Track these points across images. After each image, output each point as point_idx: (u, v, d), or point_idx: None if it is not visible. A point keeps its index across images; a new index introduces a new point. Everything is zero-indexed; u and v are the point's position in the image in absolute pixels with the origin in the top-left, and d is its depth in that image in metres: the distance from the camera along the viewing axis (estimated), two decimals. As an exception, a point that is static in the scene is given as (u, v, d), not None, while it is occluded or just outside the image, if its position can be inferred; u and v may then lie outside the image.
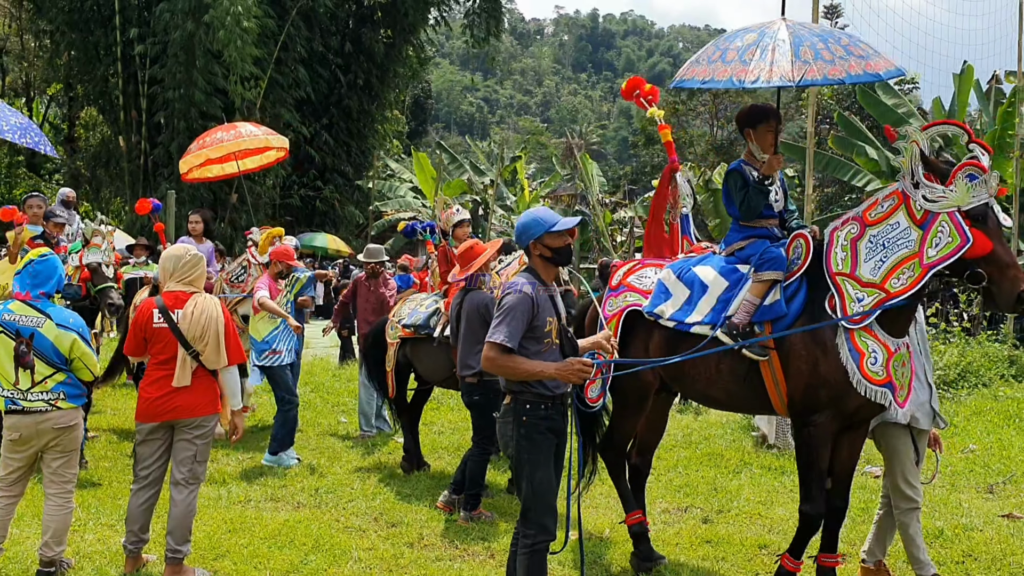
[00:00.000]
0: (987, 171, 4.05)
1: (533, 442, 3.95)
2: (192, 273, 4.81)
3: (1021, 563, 4.92)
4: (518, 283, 4.00)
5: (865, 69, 4.82)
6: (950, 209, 4.05)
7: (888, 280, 4.21)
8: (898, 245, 4.21)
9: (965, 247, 4.01)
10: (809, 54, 4.73)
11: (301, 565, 4.84)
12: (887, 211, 4.28)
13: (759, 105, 5.08)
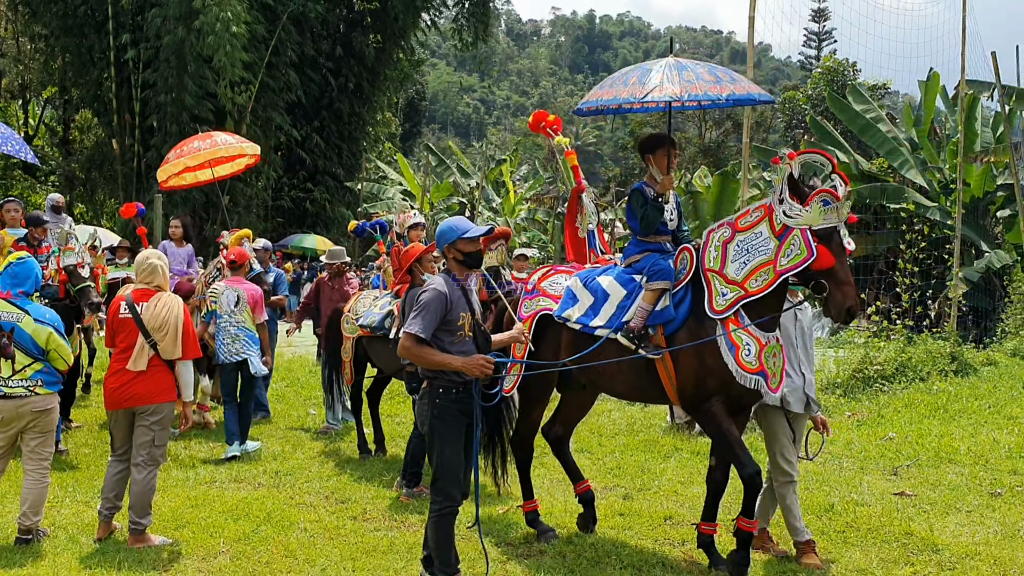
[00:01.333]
0: (840, 199, 4.64)
1: (444, 422, 4.53)
2: (150, 277, 5.40)
3: (895, 533, 5.49)
4: (435, 282, 4.59)
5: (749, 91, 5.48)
6: (803, 226, 4.64)
7: (748, 280, 4.80)
8: (759, 251, 4.80)
9: (810, 260, 4.60)
10: (692, 76, 5.35)
11: (252, 534, 5.41)
12: (754, 221, 4.87)
13: (656, 133, 5.74)
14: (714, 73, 5.61)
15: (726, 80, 5.63)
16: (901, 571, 4.91)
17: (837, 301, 4.62)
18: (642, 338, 5.08)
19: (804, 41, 49.69)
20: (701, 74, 5.51)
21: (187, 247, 10.24)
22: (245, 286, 7.92)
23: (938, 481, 6.74)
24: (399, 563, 4.95)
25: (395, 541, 5.32)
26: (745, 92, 5.65)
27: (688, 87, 5.48)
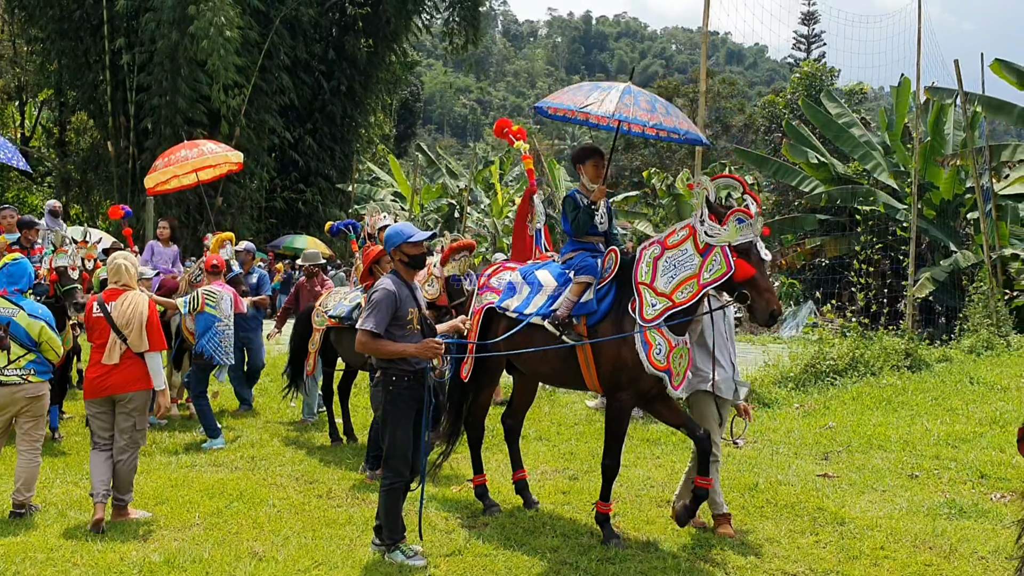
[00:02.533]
0: (753, 217, 5.19)
1: (396, 407, 5.09)
2: (116, 276, 5.92)
3: (808, 508, 6.04)
4: (384, 282, 5.15)
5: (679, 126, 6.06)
6: (723, 244, 5.18)
7: (675, 293, 5.33)
8: (684, 267, 5.33)
9: (729, 274, 5.14)
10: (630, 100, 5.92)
11: (225, 510, 5.96)
12: (680, 239, 5.41)
13: (587, 145, 6.33)
14: (652, 104, 6.14)
15: (661, 112, 6.15)
16: (805, 539, 5.47)
17: (760, 307, 5.16)
18: (566, 326, 5.64)
19: (793, 44, 50.28)
20: (640, 102, 6.04)
21: (173, 247, 10.78)
22: (228, 288, 8.47)
23: (863, 465, 7.30)
24: (355, 533, 5.50)
25: (354, 515, 5.87)
26: (673, 125, 6.15)
27: (622, 109, 6.03)
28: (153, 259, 10.55)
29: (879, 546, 5.33)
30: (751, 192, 5.46)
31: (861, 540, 5.44)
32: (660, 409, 5.71)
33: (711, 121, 45.06)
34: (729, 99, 43.34)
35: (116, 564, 4.91)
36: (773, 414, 9.38)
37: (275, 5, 27.02)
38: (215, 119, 25.10)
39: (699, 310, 5.53)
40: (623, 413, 5.60)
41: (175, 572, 4.78)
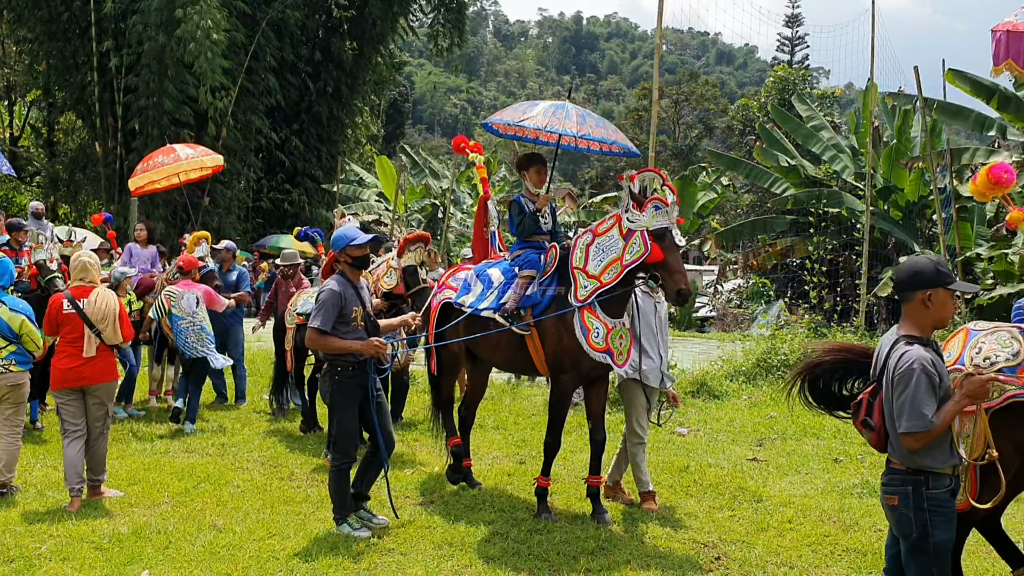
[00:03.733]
0: (668, 205, 5.71)
1: (343, 395, 5.59)
2: (83, 274, 6.34)
3: (730, 488, 6.55)
4: (330, 283, 5.65)
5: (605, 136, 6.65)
6: (642, 228, 5.71)
7: (603, 274, 5.86)
8: (611, 250, 5.86)
9: (646, 255, 5.67)
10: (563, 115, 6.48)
11: (192, 490, 6.44)
12: (608, 227, 5.95)
13: (529, 153, 6.85)
14: (583, 117, 6.74)
15: (591, 125, 6.75)
16: (721, 514, 5.98)
17: (670, 286, 5.70)
18: (514, 317, 6.15)
19: (777, 46, 50.89)
20: (571, 116, 6.65)
21: (151, 248, 11.23)
22: (198, 287, 8.94)
23: (793, 451, 7.83)
24: (310, 509, 5.99)
25: (311, 494, 6.37)
26: (602, 136, 6.76)
27: (554, 122, 6.60)
28: (132, 260, 11.00)
29: (787, 519, 5.85)
30: (669, 184, 6.02)
31: (772, 515, 5.96)
32: (592, 396, 6.24)
33: (695, 122, 45.78)
34: (712, 101, 43.90)
35: (88, 535, 5.39)
36: (721, 405, 9.89)
37: (261, 7, 27.43)
38: (202, 120, 25.50)
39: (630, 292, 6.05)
40: (565, 395, 6.13)
41: (141, 541, 5.26)
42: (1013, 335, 4.18)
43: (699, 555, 5.21)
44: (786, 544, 5.41)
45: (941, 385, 3.54)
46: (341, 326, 5.54)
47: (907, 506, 3.54)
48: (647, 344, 6.40)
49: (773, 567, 5.00)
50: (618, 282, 5.83)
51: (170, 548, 5.15)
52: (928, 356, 3.53)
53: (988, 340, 4.20)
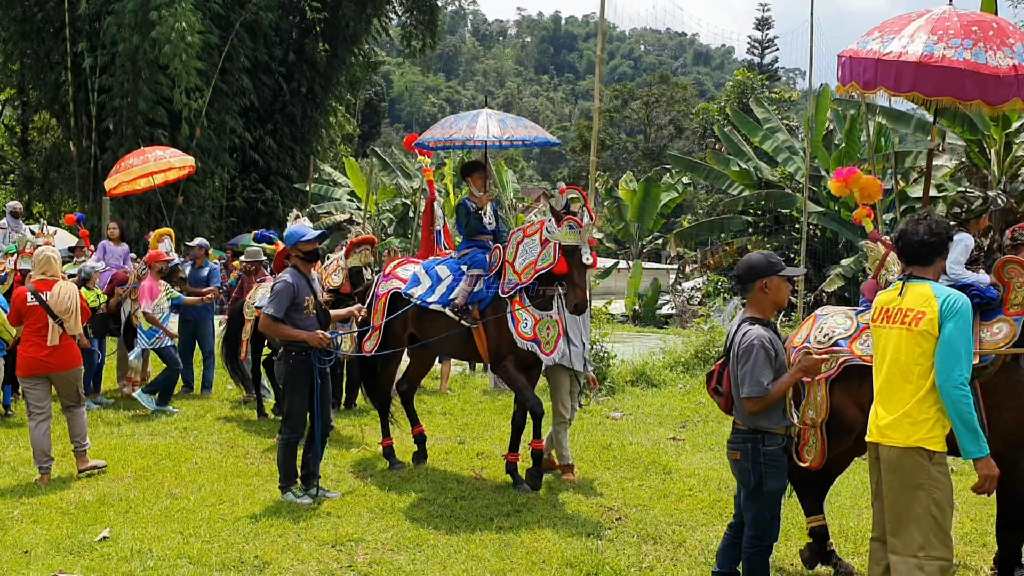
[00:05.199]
0: (582, 226, 6.36)
1: (294, 377, 6.21)
2: (45, 267, 6.87)
3: (645, 463, 7.22)
4: (284, 275, 6.27)
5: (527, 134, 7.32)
6: (556, 241, 6.36)
7: (523, 273, 6.53)
8: (531, 253, 6.53)
9: (553, 265, 6.35)
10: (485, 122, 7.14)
11: (154, 466, 7.04)
12: (535, 231, 6.60)
13: (472, 160, 7.50)
14: (504, 121, 7.46)
15: (512, 127, 7.48)
16: (631, 484, 6.66)
17: (569, 298, 6.39)
18: (463, 312, 6.81)
19: (748, 48, 51.81)
20: (494, 121, 7.38)
21: (123, 246, 11.79)
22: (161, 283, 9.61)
23: (713, 432, 8.52)
24: (260, 482, 6.62)
25: (262, 470, 6.99)
26: (524, 135, 7.50)
27: (481, 130, 7.29)
28: (105, 257, 11.55)
29: (688, 488, 6.53)
30: (588, 206, 6.68)
31: (676, 484, 6.64)
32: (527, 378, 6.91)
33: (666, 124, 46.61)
34: (683, 103, 44.77)
35: (56, 503, 5.99)
36: (657, 392, 10.59)
37: (235, 9, 27.84)
38: (176, 120, 25.88)
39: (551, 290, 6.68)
40: (510, 375, 6.78)
41: (104, 507, 5.87)
42: (848, 315, 4.87)
43: (603, 517, 5.88)
44: (682, 508, 6.08)
45: (777, 359, 4.22)
46: (294, 313, 6.16)
47: (747, 460, 4.21)
48: (572, 333, 7.06)
49: (664, 525, 5.67)
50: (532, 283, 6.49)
51: (130, 512, 5.76)
52: (766, 334, 4.22)
53: (828, 322, 4.89)
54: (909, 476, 3.55)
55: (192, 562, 4.77)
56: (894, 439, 3.61)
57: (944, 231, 3.72)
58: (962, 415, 3.42)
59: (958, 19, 4.99)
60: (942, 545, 3.52)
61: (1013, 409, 4.27)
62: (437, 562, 4.90)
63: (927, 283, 3.64)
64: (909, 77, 4.88)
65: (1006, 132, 17.76)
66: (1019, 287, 4.34)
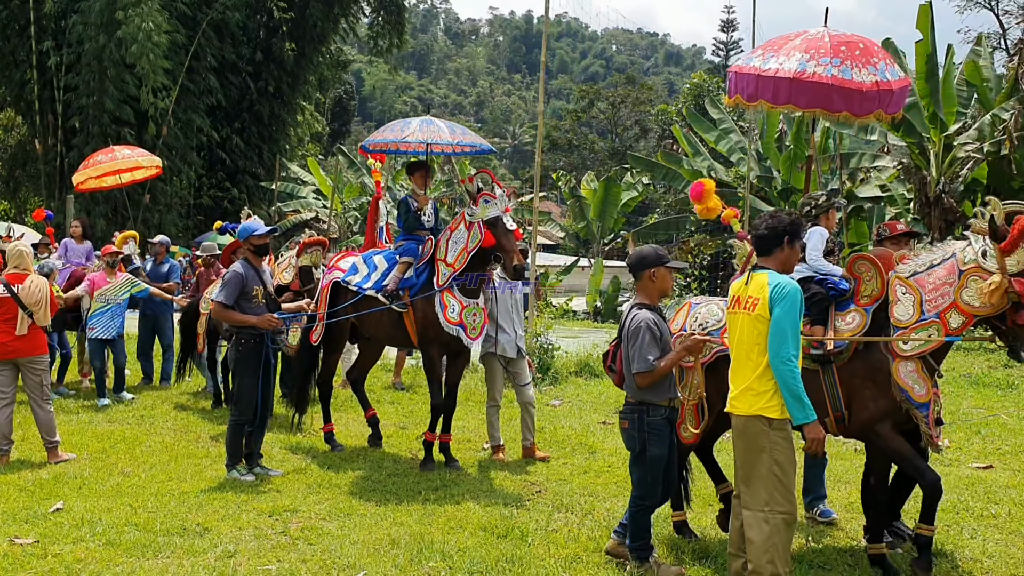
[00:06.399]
0: (496, 197, 6.89)
1: (243, 362, 6.68)
2: (18, 261, 7.28)
3: (573, 443, 7.77)
4: (235, 266, 6.74)
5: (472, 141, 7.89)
6: (479, 219, 6.89)
7: (455, 262, 7.04)
8: (460, 242, 7.04)
9: (482, 240, 6.86)
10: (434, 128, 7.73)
11: (110, 449, 7.46)
12: (458, 223, 7.12)
13: (415, 161, 8.00)
14: (452, 128, 8.03)
15: (459, 133, 8.05)
16: (556, 462, 7.21)
17: (507, 263, 6.94)
18: (394, 297, 7.31)
19: (713, 50, 52.66)
20: (441, 128, 7.91)
21: (86, 244, 12.16)
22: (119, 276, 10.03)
23: (642, 417, 9.08)
24: (208, 462, 7.07)
25: (211, 451, 7.45)
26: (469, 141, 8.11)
27: (429, 135, 7.82)
28: (67, 255, 11.91)
29: (608, 466, 7.08)
30: (496, 181, 7.27)
31: (597, 462, 7.19)
32: (451, 366, 7.43)
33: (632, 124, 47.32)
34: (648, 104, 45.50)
35: (14, 480, 6.42)
36: (599, 382, 11.14)
37: (202, 8, 28.03)
38: (143, 118, 26.04)
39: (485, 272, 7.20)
40: (433, 362, 7.32)
41: (59, 484, 6.30)
42: (720, 306, 5.42)
43: (524, 490, 6.41)
44: (598, 482, 6.63)
45: (662, 339, 4.77)
46: (244, 302, 6.63)
47: (634, 428, 4.76)
48: (504, 322, 7.62)
49: (579, 497, 6.20)
50: (467, 266, 7.01)
51: (83, 488, 6.20)
52: (653, 317, 4.77)
53: (703, 311, 5.44)
54: (753, 440, 4.11)
55: (138, 529, 5.23)
56: (740, 408, 4.17)
57: (778, 225, 4.27)
58: (789, 387, 3.98)
59: (829, 40, 5.57)
60: (785, 500, 4.07)
61: (870, 389, 4.84)
62: (363, 528, 5.39)
63: (767, 272, 4.20)
64: (785, 91, 5.46)
65: (944, 135, 18.53)
66: (868, 280, 4.91)
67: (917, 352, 4.65)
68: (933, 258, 4.78)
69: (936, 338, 4.62)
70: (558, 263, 31.34)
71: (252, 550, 4.92)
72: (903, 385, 4.62)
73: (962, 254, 4.68)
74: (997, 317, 4.58)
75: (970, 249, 4.66)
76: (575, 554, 4.99)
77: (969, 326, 4.66)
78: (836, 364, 4.88)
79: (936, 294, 4.66)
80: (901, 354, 4.67)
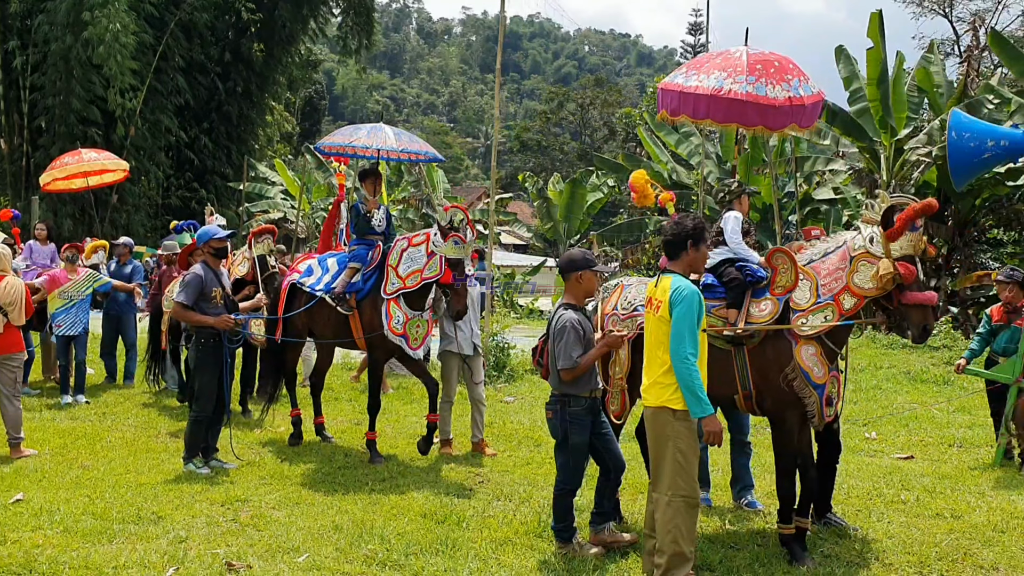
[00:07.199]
0: (465, 242, 7.23)
1: (203, 360, 6.97)
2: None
3: (520, 437, 8.15)
4: (195, 268, 7.04)
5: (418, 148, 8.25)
6: (442, 255, 7.22)
7: (407, 279, 7.35)
8: (417, 262, 7.34)
9: (439, 276, 7.21)
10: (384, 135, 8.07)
11: (71, 444, 7.71)
12: (421, 241, 7.43)
13: (366, 168, 8.33)
14: (399, 136, 8.39)
15: (406, 140, 8.41)
16: (503, 455, 7.58)
17: (452, 305, 7.35)
18: (341, 300, 7.64)
19: (680, 53, 53.30)
20: (389, 134, 8.26)
21: (50, 246, 12.35)
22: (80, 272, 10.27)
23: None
24: (167, 456, 7.36)
25: (170, 446, 7.74)
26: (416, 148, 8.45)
27: (377, 141, 8.16)
28: (32, 257, 12.10)
29: (549, 457, 7.35)
30: (471, 223, 7.59)
31: (540, 454, 7.57)
32: (410, 365, 7.79)
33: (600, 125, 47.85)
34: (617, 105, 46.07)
35: (-24, 475, 6.68)
36: (552, 380, 11.52)
37: (170, 9, 28.08)
38: (110, 119, 26.07)
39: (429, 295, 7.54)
40: (378, 366, 7.68)
41: (20, 477, 6.57)
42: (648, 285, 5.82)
43: (468, 480, 6.77)
44: (540, 473, 7.01)
45: (585, 337, 5.14)
46: (204, 303, 6.92)
47: (557, 418, 5.14)
48: (461, 321, 7.97)
49: (519, 486, 6.57)
50: (416, 289, 7.34)
51: (43, 480, 6.47)
52: (577, 317, 5.14)
53: (633, 291, 5.84)
54: (660, 429, 4.50)
55: (95, 517, 5.52)
56: (649, 400, 4.56)
57: (682, 231, 4.66)
58: (686, 383, 4.37)
59: (746, 58, 6.00)
60: (686, 485, 4.47)
61: (779, 373, 5.25)
62: (310, 516, 5.72)
63: (671, 276, 4.59)
64: (704, 107, 5.87)
65: (895, 139, 19.12)
66: (784, 272, 5.33)
67: (816, 332, 5.08)
68: (827, 247, 5.28)
69: (832, 319, 5.06)
70: (526, 263, 31.77)
71: (203, 536, 5.23)
72: (804, 366, 5.06)
73: (852, 242, 5.16)
74: (884, 298, 5.05)
75: (859, 237, 5.13)
76: (507, 537, 5.36)
77: (861, 307, 5.11)
78: (748, 347, 5.30)
79: (830, 279, 5.13)
80: (802, 335, 5.11)
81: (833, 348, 5.16)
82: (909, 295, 4.94)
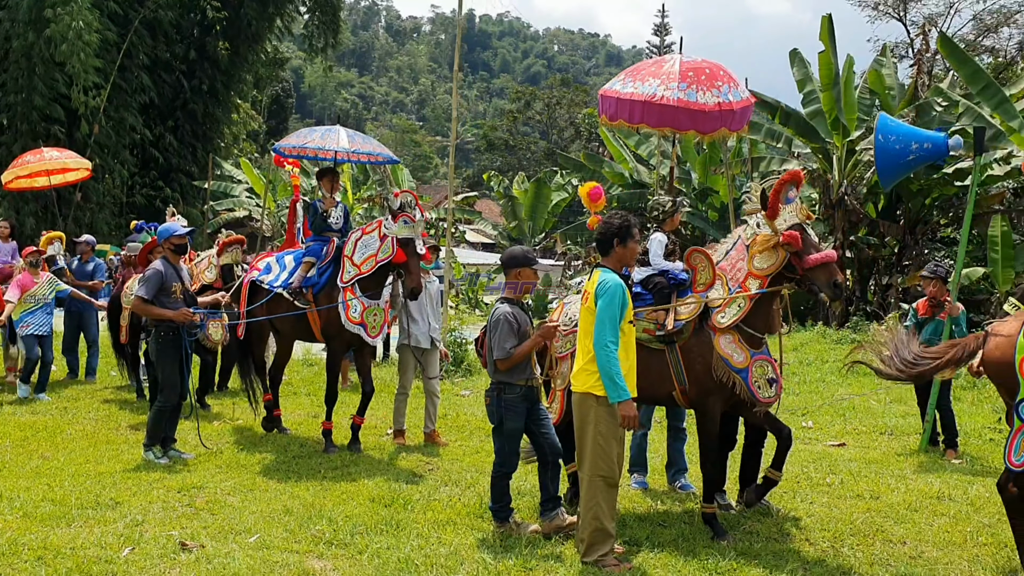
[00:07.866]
0: (415, 221, 7.52)
1: (164, 352, 7.20)
2: None
3: (471, 427, 8.48)
4: (155, 264, 7.26)
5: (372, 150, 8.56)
6: (393, 235, 7.51)
7: (363, 265, 7.64)
8: (370, 248, 7.64)
9: (392, 256, 7.48)
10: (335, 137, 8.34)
11: (31, 437, 7.87)
12: (373, 228, 7.73)
13: (323, 167, 8.60)
14: (352, 137, 8.69)
15: (359, 142, 8.73)
16: (454, 444, 7.90)
17: (406, 283, 7.59)
18: (297, 295, 7.90)
19: (647, 53, 53.83)
20: (342, 136, 8.56)
21: (12, 243, 12.47)
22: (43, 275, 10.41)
23: (541, 404, 9.81)
24: (127, 448, 7.58)
25: (130, 438, 7.95)
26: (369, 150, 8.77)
27: (330, 142, 8.45)
28: (-7, 253, 12.21)
29: (498, 446, 7.77)
30: (420, 204, 7.88)
31: (488, 443, 7.77)
32: (359, 357, 8.06)
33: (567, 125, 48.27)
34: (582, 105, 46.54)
35: (-62, 466, 6.86)
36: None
37: (134, 7, 27.98)
38: (74, 117, 25.95)
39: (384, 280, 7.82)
40: (336, 357, 7.97)
41: (-19, 469, 6.77)
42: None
43: (418, 467, 7.07)
44: (488, 461, 7.19)
45: (520, 329, 5.46)
46: (164, 297, 7.15)
47: (494, 405, 5.45)
48: (417, 314, 8.27)
49: (466, 473, 6.88)
50: (372, 273, 7.62)
51: (3, 471, 6.67)
52: (512, 310, 5.46)
53: (573, 308, 6.17)
54: (584, 413, 4.84)
55: (54, 504, 5.74)
56: (576, 386, 4.90)
57: (608, 230, 5.02)
58: (605, 369, 4.70)
59: (680, 66, 6.36)
60: (605, 465, 4.81)
61: (702, 364, 5.61)
62: (263, 501, 5.99)
63: (600, 270, 4.94)
64: (639, 112, 6.24)
65: (847, 140, 19.68)
66: (702, 270, 5.70)
67: (733, 322, 5.46)
68: (727, 247, 5.71)
69: (745, 305, 5.45)
70: (492, 262, 32.07)
71: (159, 519, 5.48)
72: (723, 355, 5.44)
73: (744, 234, 5.59)
74: (789, 271, 5.41)
75: (748, 228, 5.56)
76: (449, 518, 5.67)
77: (765, 286, 5.46)
78: (679, 343, 5.66)
79: (735, 271, 5.55)
80: (719, 327, 5.49)
81: (753, 334, 5.53)
82: (808, 259, 5.32)
